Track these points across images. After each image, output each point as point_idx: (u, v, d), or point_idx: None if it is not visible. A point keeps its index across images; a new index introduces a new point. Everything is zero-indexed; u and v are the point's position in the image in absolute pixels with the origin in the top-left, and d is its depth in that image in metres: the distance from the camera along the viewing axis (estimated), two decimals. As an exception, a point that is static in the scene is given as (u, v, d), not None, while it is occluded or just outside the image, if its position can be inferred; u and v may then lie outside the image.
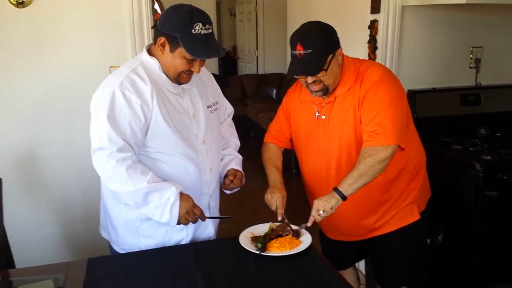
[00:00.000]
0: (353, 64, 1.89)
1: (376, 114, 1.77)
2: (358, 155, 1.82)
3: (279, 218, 1.88)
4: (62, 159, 2.65)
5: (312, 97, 1.94)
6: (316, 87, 1.83)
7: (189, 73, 1.75)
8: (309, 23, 1.84)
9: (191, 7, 1.67)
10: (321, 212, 1.75)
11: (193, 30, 1.62)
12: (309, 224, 1.80)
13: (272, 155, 2.12)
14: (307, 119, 1.99)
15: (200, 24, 1.63)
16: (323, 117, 1.92)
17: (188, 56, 1.67)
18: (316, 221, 1.78)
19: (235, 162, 2.03)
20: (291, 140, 2.13)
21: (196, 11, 1.66)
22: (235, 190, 2.01)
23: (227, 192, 2.02)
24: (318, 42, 1.75)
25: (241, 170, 2.02)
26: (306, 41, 1.76)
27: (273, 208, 1.90)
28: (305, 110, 2.00)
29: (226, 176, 1.98)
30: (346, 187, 1.76)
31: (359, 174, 1.75)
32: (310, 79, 1.81)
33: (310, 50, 1.74)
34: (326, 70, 1.78)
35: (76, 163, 2.63)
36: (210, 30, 1.67)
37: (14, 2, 2.41)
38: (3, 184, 2.16)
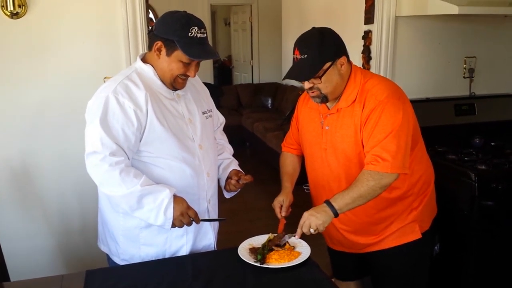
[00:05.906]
0: (360, 78, 1.84)
1: (383, 138, 1.73)
2: (357, 171, 1.80)
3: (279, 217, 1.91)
4: (57, 170, 2.64)
5: (318, 105, 1.93)
6: (312, 94, 1.83)
7: (184, 78, 1.78)
8: (313, 28, 1.83)
9: (186, 12, 1.73)
10: (312, 231, 1.72)
11: (189, 34, 1.67)
12: (297, 237, 1.76)
13: (284, 162, 2.15)
14: (312, 128, 1.99)
15: (196, 28, 1.69)
16: (327, 127, 1.91)
17: (185, 58, 1.70)
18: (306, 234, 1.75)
19: (235, 164, 2.05)
20: None
21: (192, 16, 1.72)
22: (234, 193, 2.04)
23: (227, 195, 2.04)
24: (314, 48, 1.75)
25: (243, 172, 2.03)
26: (303, 46, 1.77)
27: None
28: (312, 118, 2.00)
29: (229, 177, 2.00)
30: (342, 206, 1.73)
31: (358, 195, 1.72)
32: (306, 85, 1.81)
33: (305, 56, 1.75)
34: (320, 77, 1.77)
35: (72, 174, 2.61)
36: (205, 35, 1.72)
37: (9, 13, 2.41)
38: (-3, 195, 2.16)
